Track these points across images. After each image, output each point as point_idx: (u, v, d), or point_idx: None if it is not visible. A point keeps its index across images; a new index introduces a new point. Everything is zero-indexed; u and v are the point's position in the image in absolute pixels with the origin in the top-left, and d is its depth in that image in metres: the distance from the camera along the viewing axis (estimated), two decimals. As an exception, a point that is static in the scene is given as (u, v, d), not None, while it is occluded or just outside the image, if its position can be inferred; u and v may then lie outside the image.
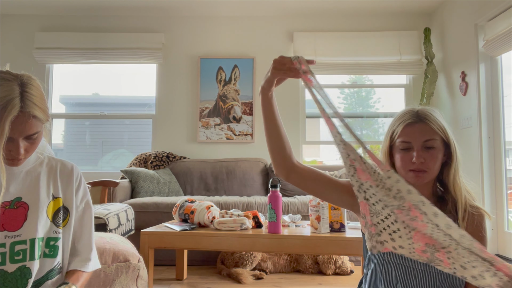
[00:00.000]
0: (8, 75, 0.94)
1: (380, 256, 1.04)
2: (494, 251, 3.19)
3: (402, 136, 1.03)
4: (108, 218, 2.22)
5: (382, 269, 1.04)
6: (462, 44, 3.51)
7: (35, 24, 4.17)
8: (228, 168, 3.71)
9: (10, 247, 0.96)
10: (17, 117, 0.90)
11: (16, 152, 0.94)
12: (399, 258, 1.03)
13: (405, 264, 1.02)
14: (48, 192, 1.06)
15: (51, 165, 1.11)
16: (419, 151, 1.01)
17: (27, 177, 1.04)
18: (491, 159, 3.23)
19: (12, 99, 0.90)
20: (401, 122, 1.04)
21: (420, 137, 1.01)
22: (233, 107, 4.06)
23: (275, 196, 1.99)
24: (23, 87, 0.93)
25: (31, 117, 0.93)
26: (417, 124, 1.02)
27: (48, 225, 1.04)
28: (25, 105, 0.91)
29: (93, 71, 4.35)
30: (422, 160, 1.00)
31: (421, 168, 1.01)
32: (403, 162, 1.04)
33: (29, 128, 0.93)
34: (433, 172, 1.03)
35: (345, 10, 4.08)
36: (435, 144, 1.02)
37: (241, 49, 4.17)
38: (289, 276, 2.62)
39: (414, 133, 1.02)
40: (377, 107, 4.36)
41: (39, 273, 1.01)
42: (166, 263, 2.89)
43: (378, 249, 0.94)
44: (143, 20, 4.20)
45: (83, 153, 4.31)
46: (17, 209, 1.00)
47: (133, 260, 1.36)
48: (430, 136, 1.01)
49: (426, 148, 1.02)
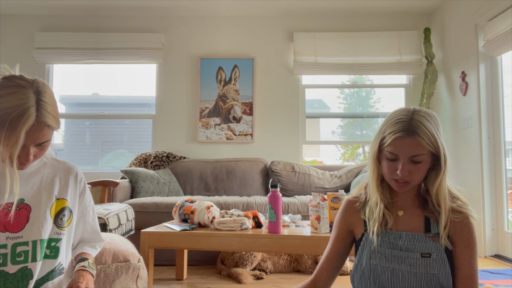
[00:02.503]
0: (23, 81, 0.94)
1: (367, 261, 1.05)
2: (494, 251, 3.19)
3: (390, 147, 1.01)
4: (108, 218, 2.22)
5: (370, 273, 1.04)
6: (462, 44, 3.51)
7: (35, 24, 4.17)
8: (228, 168, 3.71)
9: (12, 248, 0.96)
10: (32, 126, 0.91)
11: (25, 159, 0.94)
12: (385, 261, 1.03)
13: (391, 267, 1.02)
14: (51, 194, 1.06)
15: (55, 166, 1.11)
16: (405, 165, 0.99)
17: (30, 179, 1.04)
18: (491, 159, 3.23)
19: (28, 108, 0.90)
20: (392, 132, 1.00)
21: (408, 151, 0.99)
22: (233, 107, 4.06)
23: (275, 196, 1.99)
24: (39, 95, 0.93)
25: (46, 126, 0.94)
26: (407, 139, 0.98)
27: (50, 226, 1.04)
28: (41, 114, 0.92)
29: (93, 71, 4.35)
30: (406, 174, 0.99)
31: (404, 180, 1.01)
32: (388, 171, 1.03)
33: (42, 136, 0.94)
34: (416, 181, 1.03)
35: (345, 10, 4.08)
36: (422, 158, 1.00)
37: (241, 49, 4.17)
38: (289, 276, 2.62)
39: (402, 146, 0.99)
40: (377, 107, 4.36)
41: (40, 274, 1.01)
42: (166, 263, 2.89)
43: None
44: (143, 20, 4.20)
45: (83, 153, 4.31)
46: (19, 210, 0.99)
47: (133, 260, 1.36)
48: (418, 151, 0.98)
49: (413, 162, 1.00)
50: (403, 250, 1.02)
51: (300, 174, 3.62)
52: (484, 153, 3.22)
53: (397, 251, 1.02)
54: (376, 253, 1.04)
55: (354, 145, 4.39)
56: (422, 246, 1.01)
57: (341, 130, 4.41)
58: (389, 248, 1.04)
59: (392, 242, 1.04)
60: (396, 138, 0.99)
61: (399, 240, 1.04)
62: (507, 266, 2.86)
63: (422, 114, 1.01)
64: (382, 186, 1.08)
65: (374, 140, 1.07)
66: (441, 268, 0.99)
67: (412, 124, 0.99)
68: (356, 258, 1.11)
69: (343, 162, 4.43)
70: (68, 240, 1.10)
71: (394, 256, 1.02)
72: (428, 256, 1.00)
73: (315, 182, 3.59)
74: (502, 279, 2.49)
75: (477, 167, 3.25)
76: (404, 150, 0.99)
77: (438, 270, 0.99)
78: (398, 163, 1.01)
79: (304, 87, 4.20)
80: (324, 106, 4.48)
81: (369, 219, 1.09)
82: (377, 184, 1.07)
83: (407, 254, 1.01)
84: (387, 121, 1.05)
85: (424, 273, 0.99)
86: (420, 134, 0.97)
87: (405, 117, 1.01)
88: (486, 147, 3.23)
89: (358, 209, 1.14)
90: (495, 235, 3.20)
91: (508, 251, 3.06)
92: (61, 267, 1.05)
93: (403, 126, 0.99)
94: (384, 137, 1.03)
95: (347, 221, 1.15)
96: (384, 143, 1.03)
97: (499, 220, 3.18)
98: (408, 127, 0.99)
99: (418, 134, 0.98)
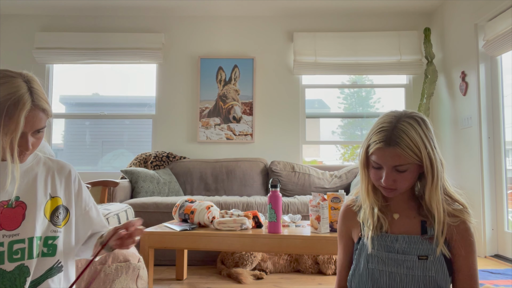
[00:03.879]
0: (10, 72, 0.97)
1: (365, 265, 1.05)
2: (494, 251, 3.19)
3: (374, 155, 1.00)
4: (108, 218, 2.21)
5: (368, 277, 1.04)
6: (462, 44, 3.51)
7: (35, 24, 4.17)
8: (228, 168, 3.71)
9: (9, 246, 0.97)
10: (30, 111, 0.94)
11: (25, 147, 0.96)
12: (382, 264, 1.03)
13: (389, 270, 1.02)
14: (45, 192, 1.06)
15: (48, 165, 1.11)
16: (388, 174, 0.98)
17: (25, 176, 1.05)
18: (491, 159, 3.23)
19: (23, 95, 0.93)
20: (374, 142, 0.99)
21: (390, 162, 0.97)
22: (233, 107, 4.06)
23: (275, 196, 1.99)
24: (29, 83, 0.96)
25: (41, 111, 0.97)
26: (388, 150, 0.96)
27: (46, 224, 1.04)
28: (35, 99, 0.95)
29: (93, 71, 4.35)
30: (391, 182, 0.98)
31: (390, 188, 1.00)
32: (374, 178, 1.03)
33: (39, 122, 0.97)
34: (404, 188, 1.01)
35: (345, 10, 4.08)
36: (406, 168, 0.97)
37: (241, 49, 4.17)
38: (289, 276, 2.62)
39: (384, 157, 0.97)
40: (377, 107, 4.36)
41: (38, 272, 1.01)
42: (166, 263, 2.89)
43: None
44: (143, 20, 4.20)
45: (83, 153, 4.31)
46: (15, 208, 1.00)
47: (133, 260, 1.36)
48: (400, 162, 0.96)
49: (397, 171, 0.98)
50: (399, 253, 1.02)
51: (300, 174, 3.62)
52: (484, 153, 3.22)
53: (394, 254, 1.02)
54: (373, 257, 1.04)
55: (354, 145, 4.38)
56: (418, 249, 1.01)
57: (341, 130, 4.41)
58: (385, 251, 1.03)
59: (388, 245, 1.03)
60: (377, 148, 0.98)
61: (395, 243, 1.03)
62: (507, 266, 2.86)
63: (407, 121, 0.98)
64: (374, 191, 1.07)
65: (361, 147, 1.06)
66: (439, 270, 0.99)
67: (394, 134, 0.96)
68: (354, 262, 1.10)
69: (343, 162, 4.43)
70: (68, 239, 1.10)
71: (391, 260, 1.02)
72: (425, 259, 0.99)
73: (315, 182, 3.59)
74: (502, 279, 2.49)
75: (477, 167, 3.25)
76: (387, 161, 0.97)
77: (436, 272, 0.98)
78: (382, 172, 1.00)
79: (304, 87, 4.20)
80: (324, 106, 4.48)
81: (363, 223, 1.08)
82: (367, 190, 1.07)
83: (404, 257, 1.01)
84: (373, 128, 1.03)
85: (421, 276, 0.99)
86: (401, 145, 0.95)
87: (388, 126, 0.98)
88: (486, 147, 3.23)
89: (355, 212, 1.14)
90: (495, 235, 3.20)
91: (508, 251, 3.06)
92: (59, 264, 1.06)
93: (384, 136, 0.97)
94: (369, 145, 1.01)
95: (347, 228, 1.15)
96: (369, 151, 1.02)
97: (499, 220, 3.18)
98: (390, 137, 0.96)
99: (398, 145, 0.95)
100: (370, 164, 1.03)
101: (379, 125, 1.00)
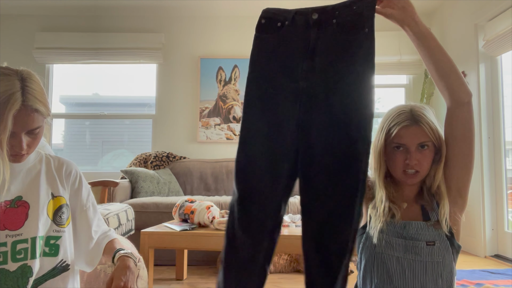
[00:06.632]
0: (7, 70, 0.95)
1: (372, 249, 1.06)
2: (494, 251, 3.19)
3: (397, 138, 1.05)
4: (108, 218, 2.21)
5: (374, 261, 1.06)
6: (462, 44, 3.51)
7: (35, 24, 4.17)
8: (228, 168, 3.71)
9: (12, 246, 0.96)
10: (19, 111, 0.91)
11: (18, 147, 0.94)
12: (390, 249, 1.05)
13: (396, 255, 1.04)
14: (47, 191, 1.06)
15: (48, 163, 1.10)
16: (413, 153, 1.04)
17: (28, 176, 1.04)
18: (491, 159, 3.23)
19: (14, 93, 0.91)
20: (397, 123, 1.06)
21: (415, 139, 1.04)
22: (233, 107, 4.06)
23: (275, 196, 1.99)
24: (24, 81, 0.94)
25: (33, 111, 0.94)
26: (412, 127, 1.05)
27: (49, 224, 1.03)
28: (27, 99, 0.92)
29: (93, 71, 4.35)
30: (416, 162, 1.03)
31: (414, 168, 1.04)
32: (397, 163, 1.06)
33: (31, 122, 0.94)
34: (425, 171, 1.06)
35: (345, 10, 4.07)
36: (428, 144, 1.05)
37: (241, 49, 4.17)
38: (289, 276, 2.62)
39: (409, 135, 1.05)
40: (377, 107, 4.36)
41: (40, 271, 1.00)
42: (166, 263, 2.89)
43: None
44: (143, 20, 4.20)
45: (83, 153, 4.32)
46: (17, 208, 0.99)
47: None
48: (425, 138, 1.05)
49: (420, 150, 1.05)
50: (407, 239, 1.04)
51: (300, 174, 3.62)
52: (484, 153, 3.22)
53: (402, 239, 1.05)
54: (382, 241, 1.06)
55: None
56: (426, 235, 1.04)
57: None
58: (394, 236, 1.06)
59: (398, 231, 1.06)
60: (402, 127, 1.05)
61: (403, 229, 1.06)
62: (507, 266, 2.86)
63: (419, 106, 1.10)
64: (386, 182, 1.10)
65: (376, 136, 1.10)
66: (446, 256, 1.02)
67: (413, 114, 1.06)
68: (358, 257, 1.11)
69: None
70: (73, 238, 1.09)
71: (400, 245, 1.04)
72: (432, 244, 1.02)
73: (315, 182, 3.59)
74: (502, 279, 2.49)
75: (477, 167, 3.25)
76: (412, 139, 1.04)
77: (443, 257, 1.02)
78: (406, 154, 1.05)
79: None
80: (324, 106, 4.48)
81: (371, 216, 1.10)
82: (383, 178, 1.10)
83: (412, 243, 1.03)
84: (388, 116, 1.10)
85: (429, 262, 1.01)
86: (423, 122, 1.05)
87: (406, 109, 1.08)
88: (486, 147, 3.23)
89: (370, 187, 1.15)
90: (495, 235, 3.20)
91: (508, 251, 3.06)
92: (64, 264, 1.05)
93: (406, 117, 1.06)
94: (389, 129, 1.07)
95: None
96: (390, 135, 1.06)
97: (499, 220, 3.18)
98: (412, 117, 1.05)
99: (421, 123, 1.04)
100: (388, 152, 1.08)
101: (397, 111, 1.09)
